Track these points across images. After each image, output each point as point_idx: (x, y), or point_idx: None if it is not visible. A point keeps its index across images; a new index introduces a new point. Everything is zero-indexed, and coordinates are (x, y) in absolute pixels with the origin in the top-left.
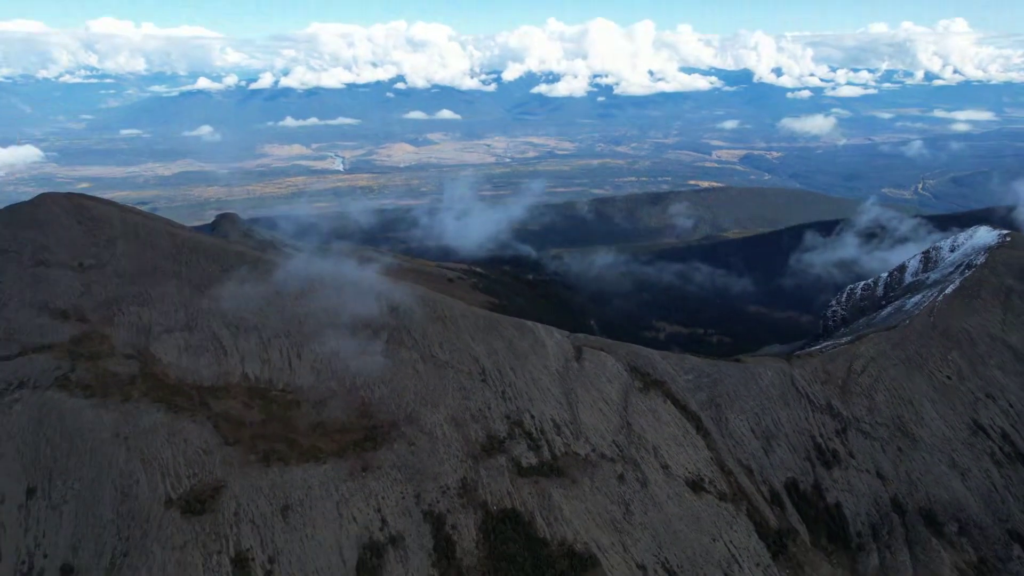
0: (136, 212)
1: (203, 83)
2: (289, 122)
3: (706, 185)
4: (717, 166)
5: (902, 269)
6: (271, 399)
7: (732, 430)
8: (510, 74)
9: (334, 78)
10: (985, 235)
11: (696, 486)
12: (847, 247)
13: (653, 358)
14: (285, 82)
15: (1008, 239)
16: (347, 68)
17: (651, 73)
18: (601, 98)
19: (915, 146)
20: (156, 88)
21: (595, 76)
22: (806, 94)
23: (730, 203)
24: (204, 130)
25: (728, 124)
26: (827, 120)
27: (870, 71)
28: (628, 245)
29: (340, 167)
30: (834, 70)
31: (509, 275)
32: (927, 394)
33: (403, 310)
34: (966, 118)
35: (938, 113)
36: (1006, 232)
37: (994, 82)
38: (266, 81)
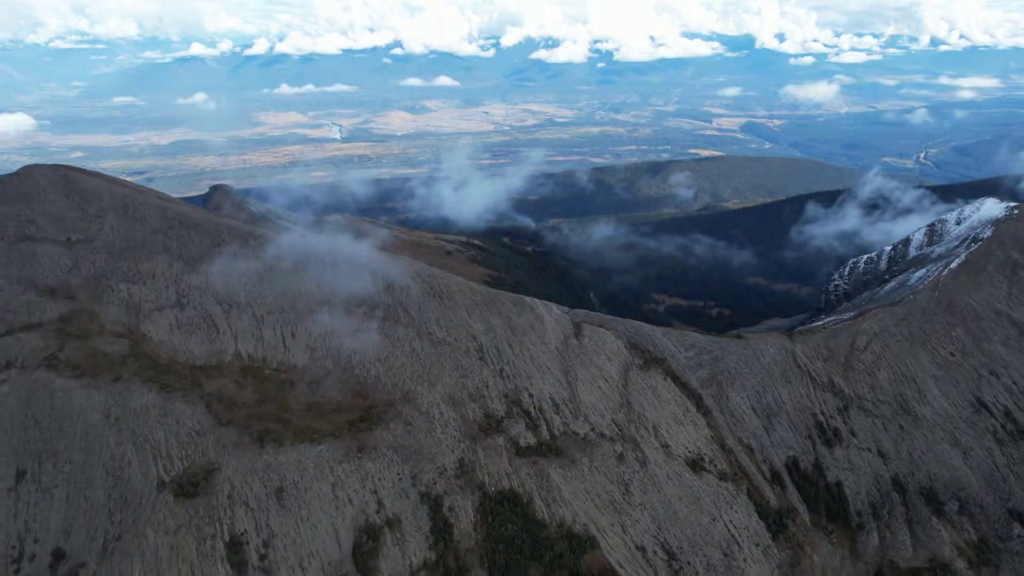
0: (125, 184)
1: (197, 49)
2: (285, 89)
3: (706, 154)
4: (718, 134)
5: (906, 242)
6: (265, 378)
7: (733, 408)
8: (509, 39)
9: (330, 44)
10: (992, 207)
11: (696, 465)
12: (849, 218)
13: (654, 335)
14: (280, 48)
15: (1016, 212)
16: (343, 33)
17: (652, 39)
18: (601, 64)
19: (919, 114)
20: (149, 54)
21: (595, 42)
22: (809, 60)
23: (730, 172)
24: (199, 97)
25: (729, 91)
26: (830, 87)
27: (874, 36)
28: (628, 215)
29: (337, 135)
30: (838, 35)
31: (507, 247)
32: (930, 371)
33: (399, 286)
34: (971, 85)
35: (943, 80)
36: (1014, 204)
37: (1001, 47)
38: (261, 47)
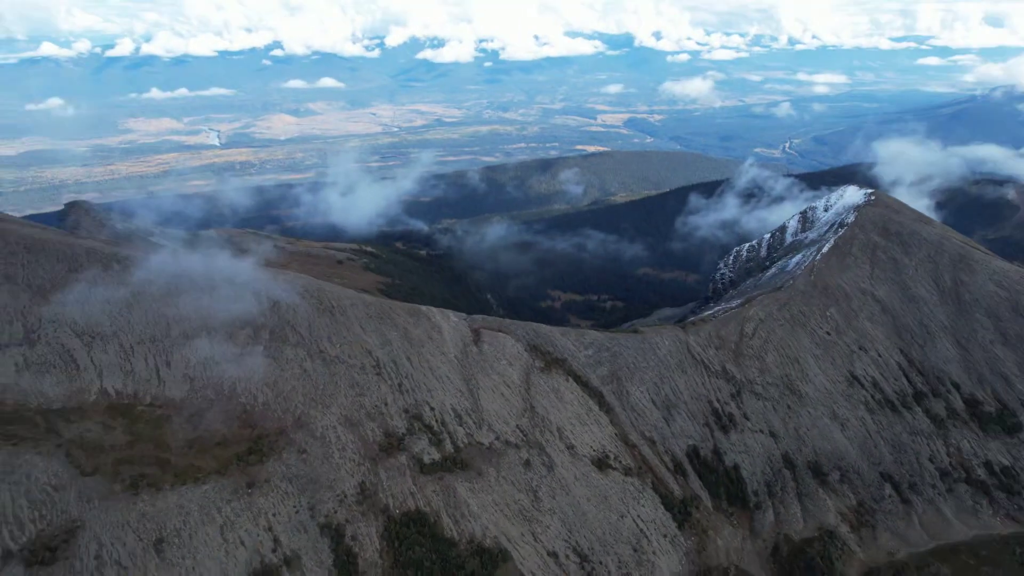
0: None
1: (48, 49)
2: (155, 94)
3: (593, 150)
4: (603, 130)
5: (783, 230)
6: (137, 416)
7: (634, 403)
8: (394, 39)
9: (204, 45)
10: (853, 194)
11: (602, 464)
12: (728, 208)
13: (553, 335)
14: (148, 49)
15: (873, 198)
16: (218, 34)
17: (536, 38)
18: (488, 63)
19: (784, 107)
20: None
21: (481, 41)
22: (684, 57)
23: (617, 167)
24: (53, 103)
25: (612, 88)
26: (705, 83)
27: (741, 35)
28: (520, 213)
29: (216, 142)
30: (709, 34)
31: (401, 252)
32: (811, 351)
33: (286, 304)
34: (824, 81)
35: (801, 76)
36: (871, 191)
37: (846, 47)
38: (125, 48)
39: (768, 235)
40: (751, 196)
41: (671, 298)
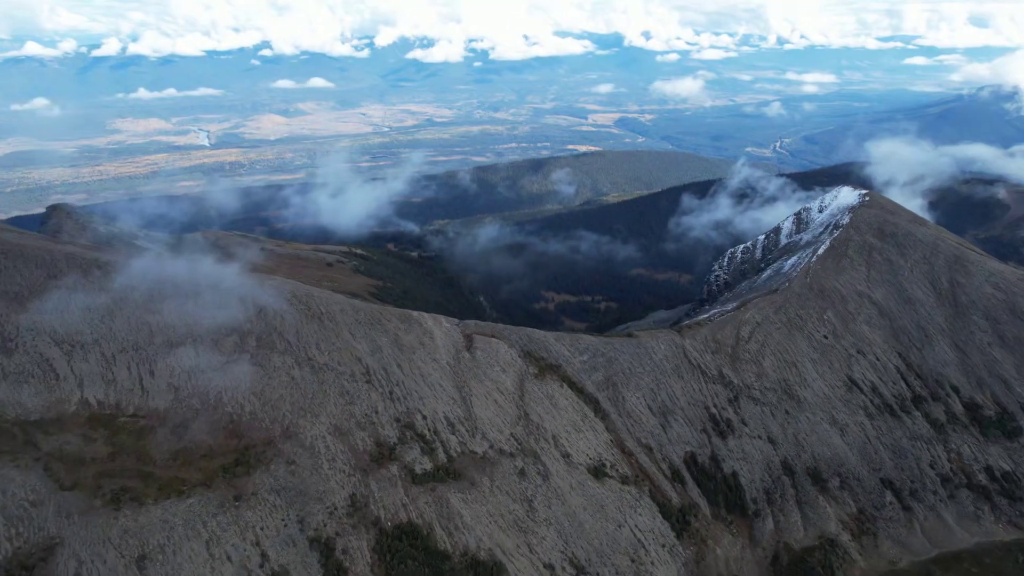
0: None
1: (33, 48)
2: (143, 94)
3: (584, 149)
4: (594, 130)
5: (777, 231)
6: (119, 427)
7: (630, 409)
8: (383, 39)
9: (191, 45)
10: (848, 195)
11: (598, 472)
12: (721, 208)
13: (547, 341)
14: (135, 49)
15: (867, 198)
16: (205, 34)
17: (526, 37)
18: (478, 63)
19: (774, 107)
20: None
21: (470, 41)
22: (674, 57)
23: (608, 167)
24: (39, 103)
25: (603, 88)
26: (695, 82)
27: (730, 35)
28: (513, 214)
29: (206, 142)
30: (698, 33)
31: (392, 254)
32: (808, 355)
33: (273, 311)
34: (813, 80)
35: (790, 75)
36: (865, 192)
37: (834, 46)
38: (112, 47)
39: (763, 236)
40: (744, 196)
41: (665, 299)
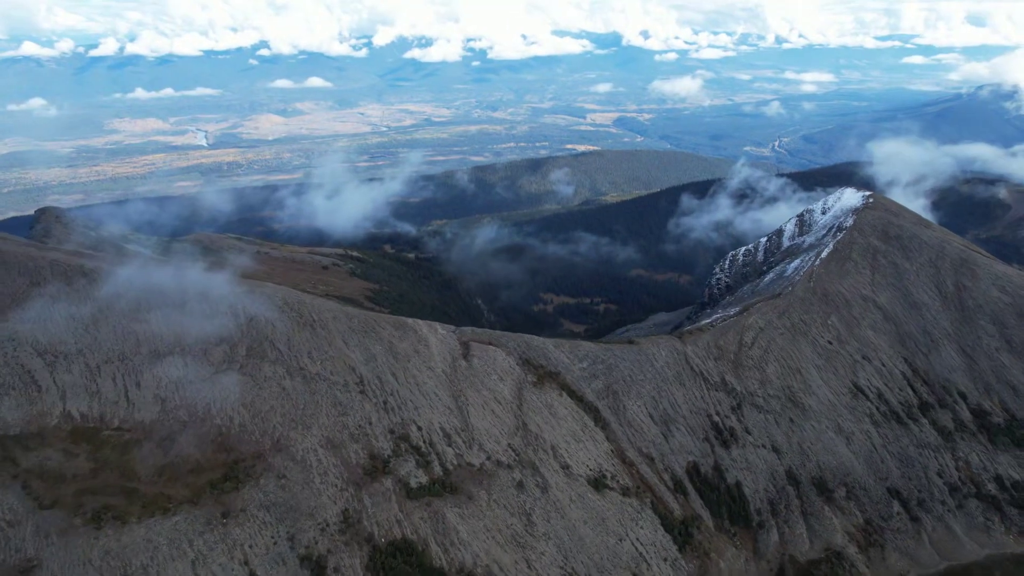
0: None
1: (30, 48)
2: (140, 94)
3: (583, 149)
4: (592, 129)
5: (779, 233)
6: (103, 441)
7: (631, 418)
8: (381, 39)
9: (189, 45)
10: (851, 197)
11: (599, 484)
12: (721, 209)
13: (546, 348)
14: (132, 48)
15: (871, 200)
16: (203, 33)
17: (524, 37)
18: (476, 62)
19: (774, 106)
20: None
21: (469, 40)
22: (672, 56)
23: (607, 167)
24: (35, 103)
25: (601, 87)
26: (694, 82)
27: (728, 34)
28: (511, 214)
29: (204, 142)
30: (696, 33)
31: (389, 257)
32: (813, 361)
33: (264, 319)
34: (812, 79)
35: (789, 74)
36: (868, 193)
37: (832, 45)
38: (109, 47)
39: (764, 239)
40: (744, 197)
41: (665, 301)
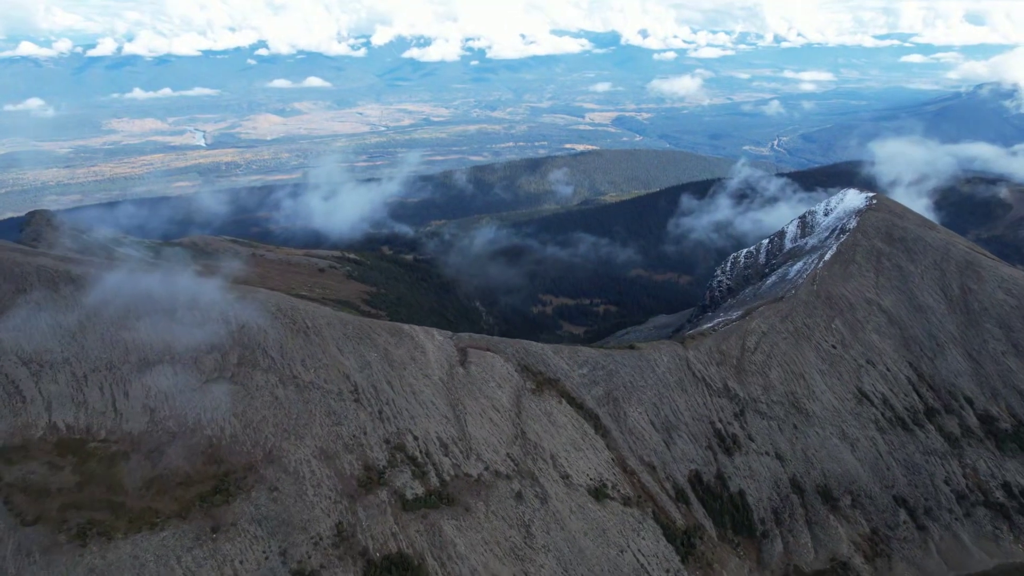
0: None
1: (28, 48)
2: (138, 94)
3: (581, 148)
4: (591, 128)
5: (781, 235)
6: (89, 453)
7: (632, 425)
8: (379, 38)
9: (187, 44)
10: (854, 198)
11: (599, 493)
12: (721, 209)
13: (545, 354)
14: (130, 48)
15: (874, 201)
16: (201, 33)
17: (523, 36)
18: (474, 62)
19: (773, 105)
20: None
21: (467, 40)
22: (671, 55)
23: (606, 166)
24: (33, 103)
25: (600, 86)
26: (693, 81)
27: (727, 33)
28: (510, 214)
29: (202, 142)
30: (695, 32)
31: (387, 259)
32: (816, 366)
33: (256, 326)
34: (811, 78)
35: (787, 73)
36: (872, 195)
37: (831, 44)
38: (107, 47)
39: (766, 240)
40: (744, 197)
41: (665, 302)
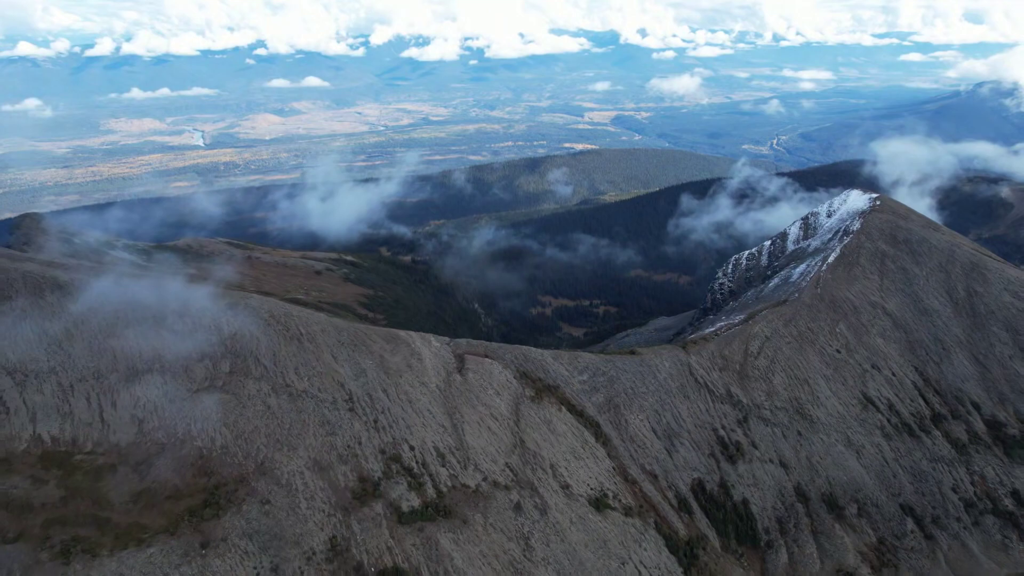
0: None
1: (25, 48)
2: (136, 94)
3: (581, 147)
4: (590, 128)
5: (784, 237)
6: (75, 466)
7: (633, 433)
8: (378, 38)
9: (186, 44)
10: (857, 199)
11: (600, 504)
12: (721, 209)
13: (544, 360)
14: (128, 48)
15: (878, 203)
16: (200, 33)
17: (522, 35)
18: (473, 61)
19: (773, 104)
20: None
21: (466, 39)
22: (670, 54)
23: (605, 166)
24: (31, 103)
25: (599, 85)
26: (692, 80)
27: (726, 32)
28: (509, 214)
29: (200, 142)
30: (694, 31)
31: (384, 260)
32: (821, 371)
33: (248, 334)
34: (810, 77)
35: (786, 72)
36: (875, 196)
37: (830, 43)
38: (105, 47)
39: (768, 242)
40: (744, 197)
41: (666, 303)
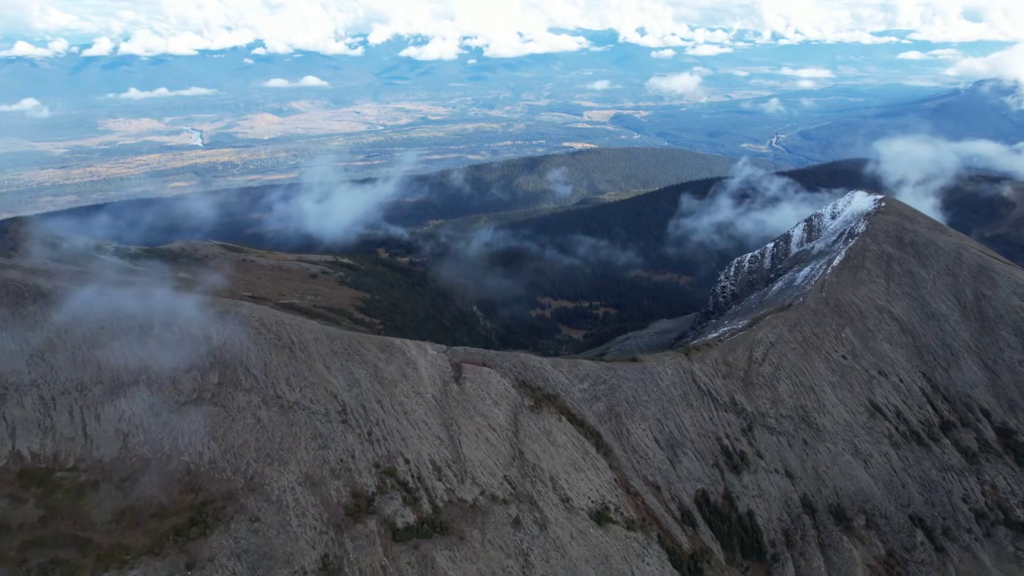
0: None
1: (23, 48)
2: (134, 93)
3: (580, 147)
4: (589, 127)
5: (787, 239)
6: (55, 484)
7: (635, 443)
8: (377, 37)
9: (184, 44)
10: (862, 201)
11: (601, 517)
12: (722, 209)
13: (543, 368)
14: (126, 48)
15: (883, 204)
16: (198, 33)
17: (520, 34)
18: (472, 60)
19: (772, 103)
20: None
21: (465, 38)
22: (669, 53)
23: (604, 165)
24: (28, 103)
25: (598, 84)
26: (692, 78)
27: (725, 30)
28: (508, 214)
29: (198, 142)
30: (693, 29)
31: (382, 263)
32: (827, 378)
33: (238, 342)
34: (809, 75)
35: (785, 71)
36: (880, 197)
37: (829, 42)
38: (103, 47)
39: (771, 244)
40: (745, 196)
41: (666, 304)
